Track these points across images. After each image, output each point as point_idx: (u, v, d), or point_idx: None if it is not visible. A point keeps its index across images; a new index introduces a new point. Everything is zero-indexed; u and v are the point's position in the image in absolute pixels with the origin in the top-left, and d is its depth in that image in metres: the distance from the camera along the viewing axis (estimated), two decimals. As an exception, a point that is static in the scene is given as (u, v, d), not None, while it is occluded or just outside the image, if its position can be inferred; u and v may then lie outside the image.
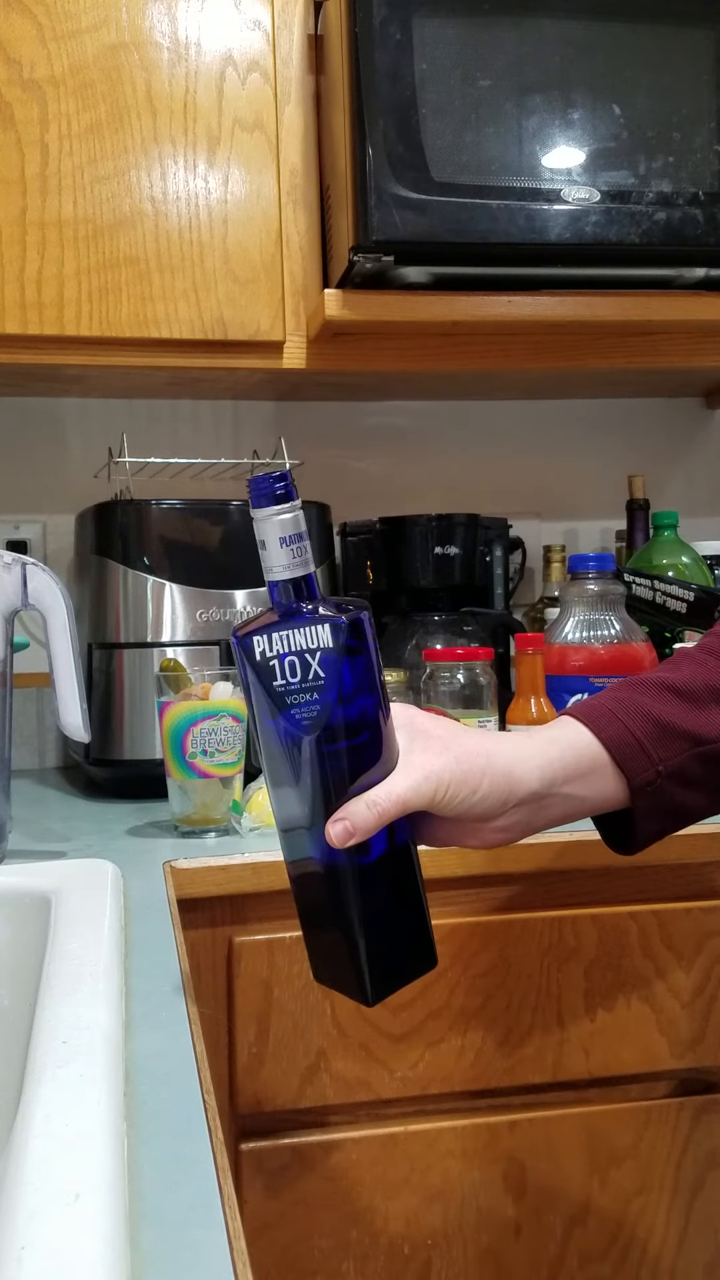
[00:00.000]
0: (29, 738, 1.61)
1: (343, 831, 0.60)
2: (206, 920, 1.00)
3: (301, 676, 0.59)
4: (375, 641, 0.61)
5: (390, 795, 0.61)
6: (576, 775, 0.67)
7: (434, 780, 0.62)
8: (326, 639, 0.59)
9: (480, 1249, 1.05)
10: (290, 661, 0.59)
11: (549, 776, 0.66)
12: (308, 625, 0.59)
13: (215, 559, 1.33)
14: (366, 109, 1.22)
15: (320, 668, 0.59)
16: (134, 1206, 0.41)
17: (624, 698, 0.69)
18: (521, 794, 0.65)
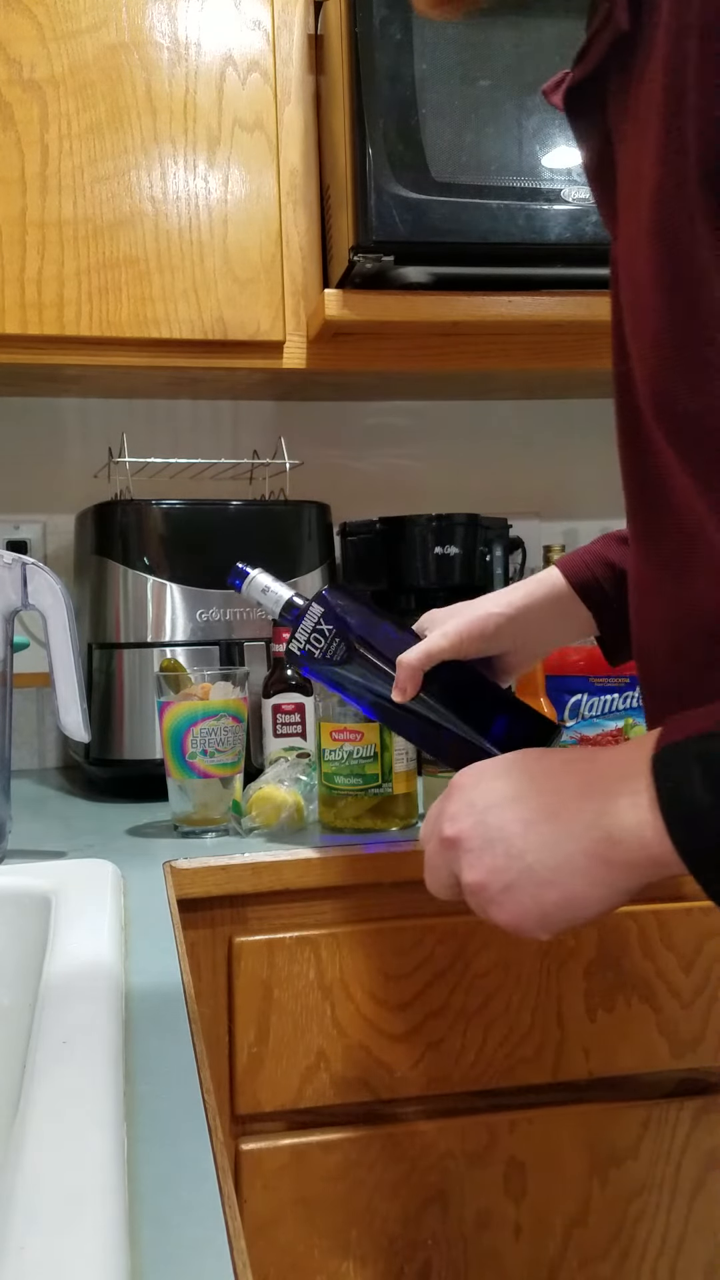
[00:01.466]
0: (29, 738, 1.61)
1: (399, 691, 0.89)
2: (206, 920, 1.00)
3: (325, 640, 0.94)
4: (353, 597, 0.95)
5: (416, 653, 0.88)
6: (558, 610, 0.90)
7: (450, 634, 0.88)
8: (318, 610, 0.95)
9: (480, 1249, 1.05)
10: (314, 638, 0.95)
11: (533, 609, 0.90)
12: (305, 614, 0.95)
13: (215, 559, 1.33)
14: (366, 109, 1.22)
15: (327, 624, 0.94)
16: (134, 1206, 0.41)
17: (589, 548, 0.91)
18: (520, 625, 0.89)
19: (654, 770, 0.50)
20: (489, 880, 0.57)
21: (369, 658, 0.93)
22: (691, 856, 0.50)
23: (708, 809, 0.49)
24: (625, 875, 0.53)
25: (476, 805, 0.59)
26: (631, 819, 0.51)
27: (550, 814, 0.55)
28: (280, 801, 1.09)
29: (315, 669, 0.96)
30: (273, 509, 1.41)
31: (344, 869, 1.02)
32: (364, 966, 1.02)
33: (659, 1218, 1.08)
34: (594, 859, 0.53)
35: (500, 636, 0.90)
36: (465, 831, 0.59)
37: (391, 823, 1.09)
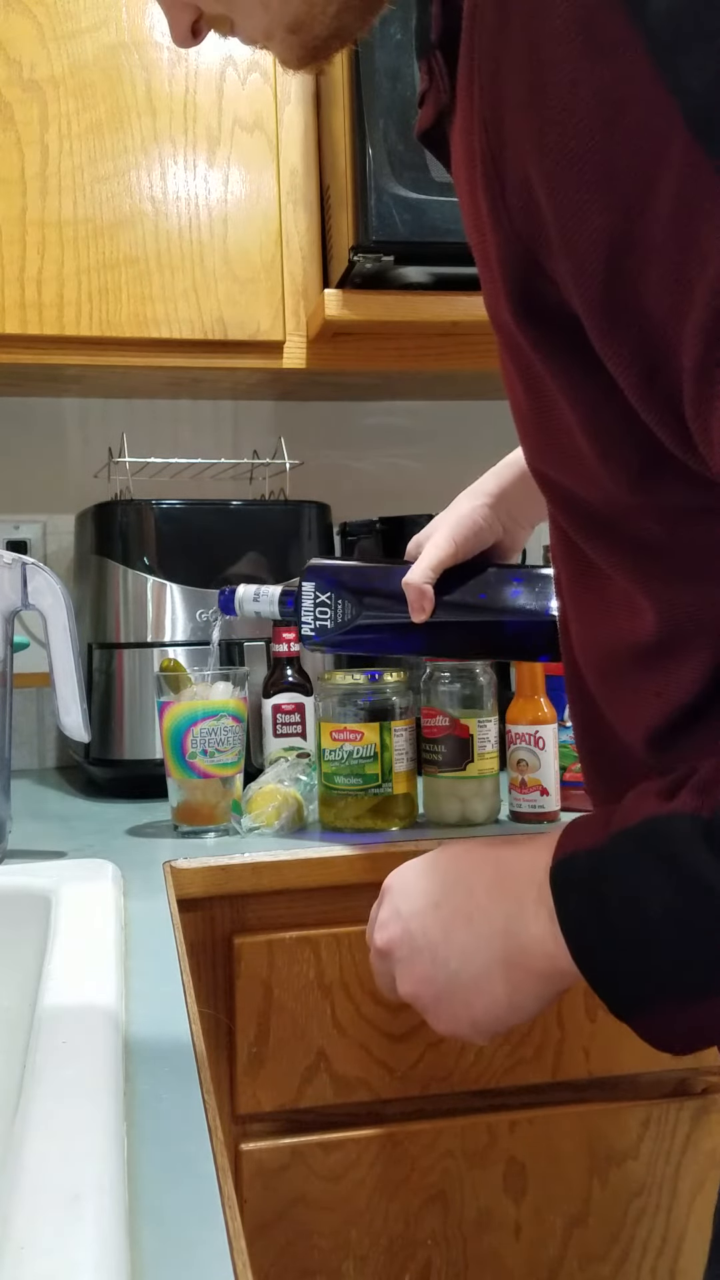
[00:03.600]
0: (29, 738, 1.61)
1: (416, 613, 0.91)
2: (206, 920, 1.00)
3: (330, 609, 0.96)
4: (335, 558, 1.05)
5: (417, 572, 0.90)
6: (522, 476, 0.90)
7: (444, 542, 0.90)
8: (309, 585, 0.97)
9: (480, 1249, 1.05)
10: (319, 612, 0.96)
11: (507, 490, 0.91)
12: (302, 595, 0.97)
13: (215, 559, 1.33)
14: (366, 109, 1.22)
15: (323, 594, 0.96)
16: (134, 1206, 0.41)
17: None
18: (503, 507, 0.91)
19: (550, 882, 0.51)
20: (420, 991, 0.58)
21: (378, 600, 0.94)
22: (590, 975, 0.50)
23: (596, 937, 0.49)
24: (537, 983, 0.54)
25: (402, 912, 0.59)
26: (536, 929, 0.52)
27: (466, 919, 0.56)
28: (280, 801, 1.09)
29: (335, 640, 0.96)
30: (273, 509, 1.41)
31: (344, 869, 1.01)
32: (364, 966, 1.02)
33: (659, 1218, 1.08)
34: (508, 966, 0.54)
35: (489, 527, 0.91)
36: (394, 940, 0.59)
37: (391, 823, 1.09)
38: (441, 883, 0.59)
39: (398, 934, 0.59)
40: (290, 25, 0.60)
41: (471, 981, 0.55)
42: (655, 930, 0.47)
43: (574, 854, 0.51)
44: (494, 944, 0.54)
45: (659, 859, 0.46)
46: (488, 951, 0.54)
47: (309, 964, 1.01)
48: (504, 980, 0.54)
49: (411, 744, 1.11)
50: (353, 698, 1.09)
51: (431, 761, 1.11)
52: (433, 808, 1.12)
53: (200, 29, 0.64)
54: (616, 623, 0.55)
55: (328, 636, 0.96)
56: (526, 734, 1.11)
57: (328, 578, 0.96)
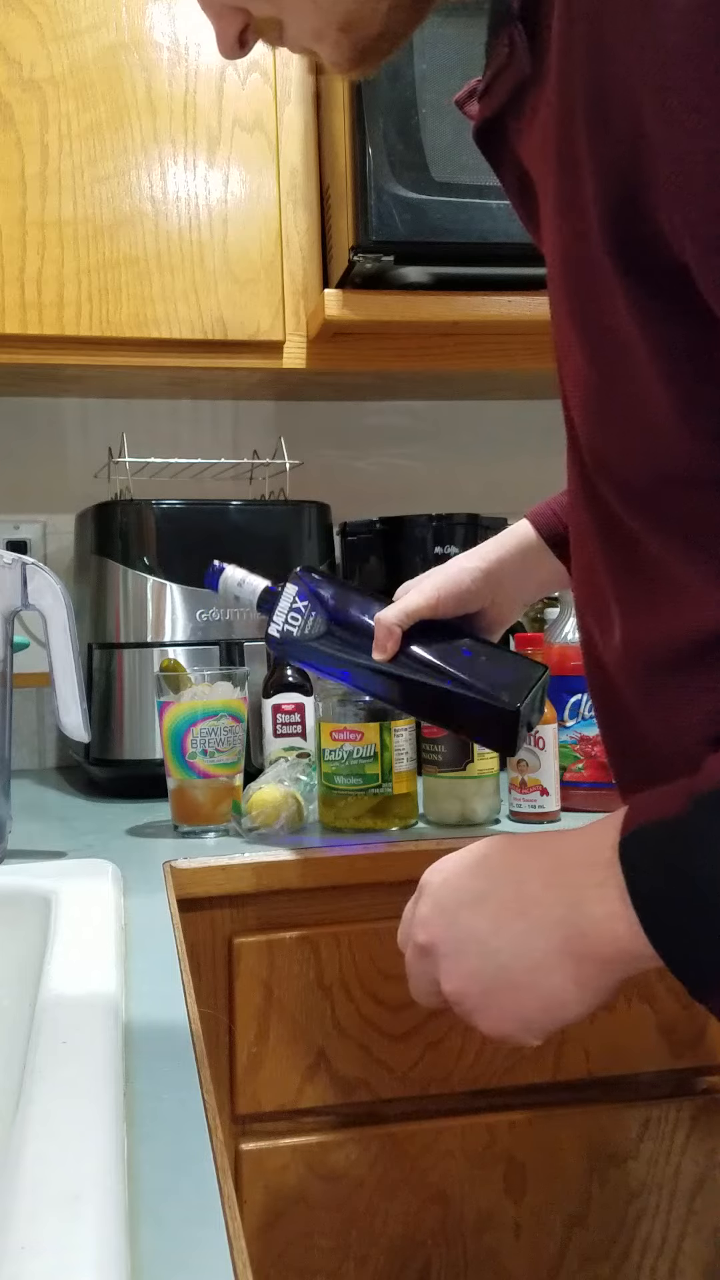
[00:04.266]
0: (29, 738, 1.61)
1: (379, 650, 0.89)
2: (206, 920, 1.00)
3: (302, 616, 0.95)
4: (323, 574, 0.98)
5: (391, 612, 0.89)
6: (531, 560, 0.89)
7: (426, 592, 0.88)
8: (293, 588, 0.96)
9: (480, 1249, 1.05)
10: (291, 616, 0.95)
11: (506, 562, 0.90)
12: (281, 595, 0.97)
13: (215, 559, 1.33)
14: (366, 109, 1.22)
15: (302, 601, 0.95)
16: (134, 1206, 0.41)
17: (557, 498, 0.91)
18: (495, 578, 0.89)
19: (621, 859, 0.48)
20: (467, 987, 0.55)
21: (349, 625, 0.93)
22: (667, 954, 0.47)
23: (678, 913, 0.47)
24: (600, 971, 0.51)
25: (446, 907, 0.57)
26: (600, 911, 0.49)
27: (518, 911, 0.53)
28: (280, 801, 1.09)
29: (297, 649, 0.95)
30: (273, 509, 1.41)
31: (344, 869, 1.01)
32: (364, 966, 1.02)
33: (659, 1218, 1.08)
34: (566, 956, 0.51)
35: (476, 592, 0.89)
36: (438, 937, 0.57)
37: (391, 823, 1.09)
38: (489, 875, 0.56)
39: (441, 930, 0.56)
40: (342, 24, 0.60)
41: (525, 975, 0.52)
42: None
43: (646, 825, 0.48)
44: (551, 934, 0.51)
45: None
46: (544, 942, 0.52)
47: (309, 964, 1.01)
48: (562, 971, 0.51)
49: (411, 744, 1.11)
50: (353, 698, 1.09)
51: (431, 761, 1.11)
52: (432, 808, 1.12)
53: (248, 39, 0.65)
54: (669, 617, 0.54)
55: (290, 643, 0.95)
56: (526, 734, 1.11)
57: (310, 587, 0.96)
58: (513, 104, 0.57)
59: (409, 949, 0.60)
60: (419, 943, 0.58)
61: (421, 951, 0.58)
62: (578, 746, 1.16)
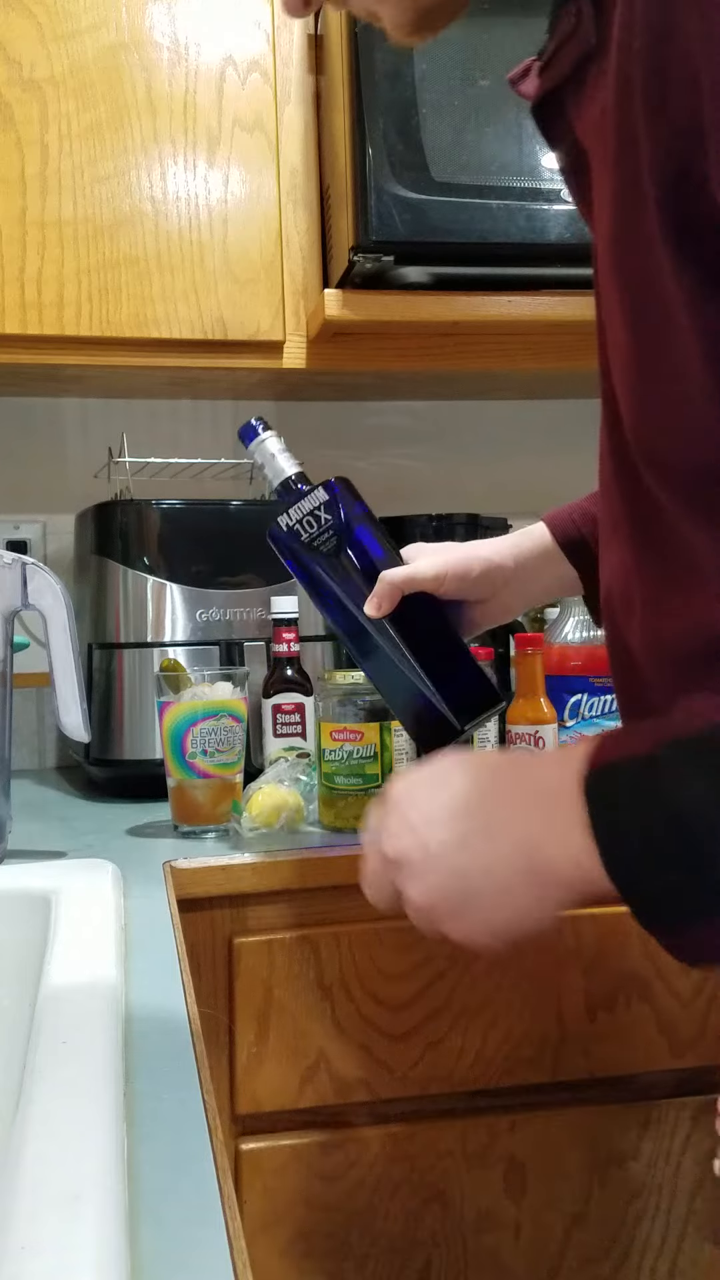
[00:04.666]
0: (29, 738, 1.61)
1: (374, 604, 0.86)
2: (206, 920, 1.00)
3: (318, 527, 0.90)
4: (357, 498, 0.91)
5: (399, 573, 0.86)
6: (539, 561, 0.88)
7: (435, 566, 0.86)
8: (322, 495, 0.90)
9: (480, 1249, 1.05)
10: (307, 521, 0.90)
11: (519, 560, 0.88)
12: (306, 495, 0.91)
13: (215, 559, 1.33)
14: (366, 109, 1.22)
15: (326, 513, 0.90)
16: (134, 1206, 0.41)
17: (576, 504, 0.90)
18: (504, 575, 0.88)
19: (585, 793, 0.49)
20: (436, 902, 0.57)
21: (354, 561, 0.89)
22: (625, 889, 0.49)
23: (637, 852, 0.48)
24: (563, 893, 0.53)
25: (414, 823, 0.58)
26: (565, 843, 0.50)
27: (486, 832, 0.55)
28: (280, 801, 1.09)
29: (296, 554, 0.91)
30: (273, 509, 1.41)
31: (344, 869, 1.01)
32: (364, 966, 1.02)
33: (659, 1218, 1.08)
34: (531, 877, 0.53)
35: (481, 582, 0.88)
36: (406, 851, 0.58)
37: (391, 823, 1.09)
38: (459, 793, 0.57)
39: (410, 844, 0.58)
40: None
41: (492, 893, 0.55)
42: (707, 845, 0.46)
43: (614, 763, 0.49)
44: (517, 858, 0.53)
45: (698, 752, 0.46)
46: (509, 865, 0.54)
47: (309, 964, 1.01)
48: (527, 891, 0.54)
49: (411, 744, 1.11)
50: (353, 698, 1.09)
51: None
52: (433, 808, 1.12)
53: None
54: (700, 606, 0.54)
55: (293, 544, 0.91)
56: (526, 734, 1.11)
57: (339, 505, 0.90)
58: (574, 77, 0.58)
59: (373, 858, 0.61)
60: (387, 854, 0.60)
61: (388, 863, 0.60)
62: (578, 746, 1.16)
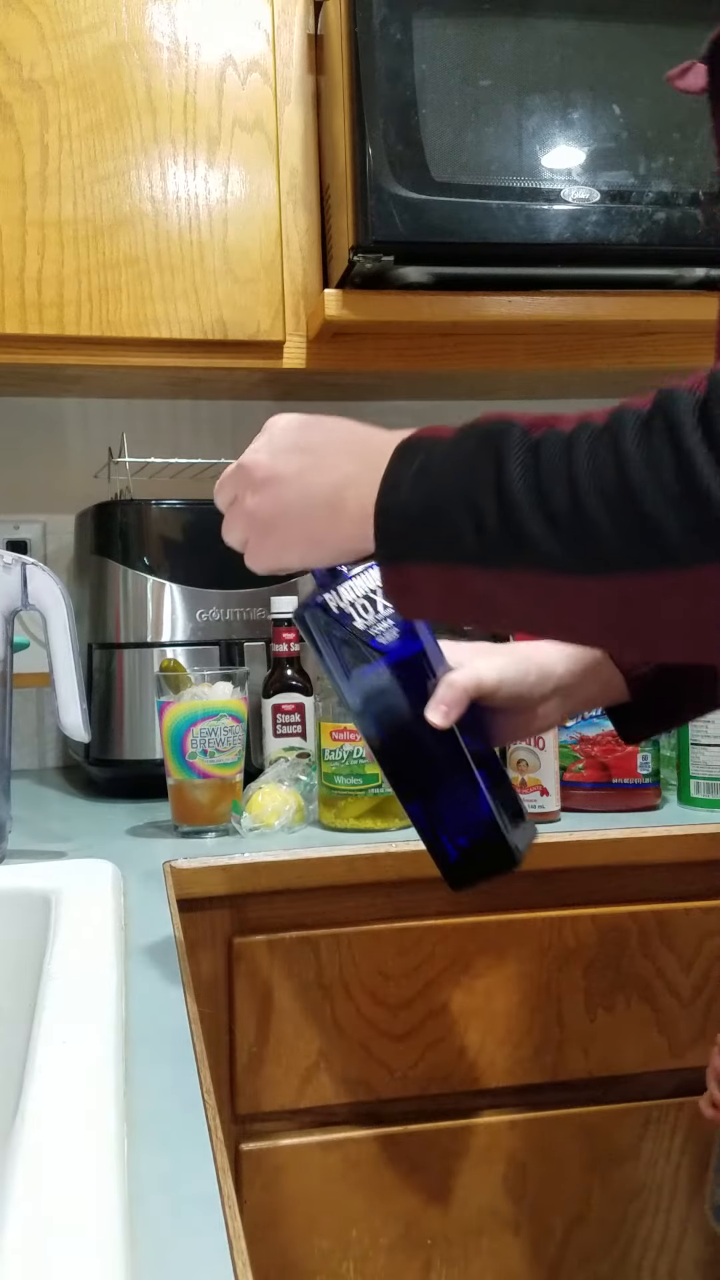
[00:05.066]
0: (29, 738, 1.61)
1: (440, 711, 0.73)
2: (206, 920, 1.00)
3: (375, 613, 0.74)
4: None
5: (466, 678, 0.75)
6: (590, 668, 0.81)
7: (496, 669, 0.77)
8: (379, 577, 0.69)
9: (480, 1249, 1.05)
10: (361, 604, 0.74)
11: (573, 668, 0.80)
12: (362, 573, 0.74)
13: (215, 559, 1.33)
14: (366, 109, 1.22)
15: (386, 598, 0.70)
16: (134, 1206, 0.41)
17: None
18: (554, 682, 0.80)
19: (395, 451, 0.58)
20: (259, 510, 0.66)
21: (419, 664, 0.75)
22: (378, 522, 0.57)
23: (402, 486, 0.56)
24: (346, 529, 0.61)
25: (274, 446, 0.67)
26: (364, 483, 0.59)
27: (319, 468, 0.64)
28: (280, 801, 1.09)
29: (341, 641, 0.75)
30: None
31: (344, 869, 1.02)
32: (364, 966, 1.02)
33: (658, 1217, 1.08)
34: (329, 511, 0.62)
35: (535, 689, 0.79)
36: (258, 465, 0.67)
37: (391, 823, 1.09)
38: (315, 435, 0.67)
39: (263, 460, 0.67)
40: None
41: (299, 518, 0.64)
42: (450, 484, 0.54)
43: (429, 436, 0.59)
44: (329, 492, 0.62)
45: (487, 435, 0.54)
46: (321, 496, 0.63)
47: (309, 964, 1.01)
48: (322, 523, 0.63)
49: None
50: (353, 698, 1.09)
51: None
52: (433, 808, 1.12)
53: None
54: None
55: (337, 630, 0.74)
56: (526, 734, 1.11)
57: None
58: None
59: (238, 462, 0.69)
60: (242, 462, 0.68)
61: (240, 470, 0.69)
62: (578, 746, 1.16)
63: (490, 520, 0.51)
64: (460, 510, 0.53)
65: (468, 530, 0.52)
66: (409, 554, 0.56)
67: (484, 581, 0.53)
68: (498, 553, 0.52)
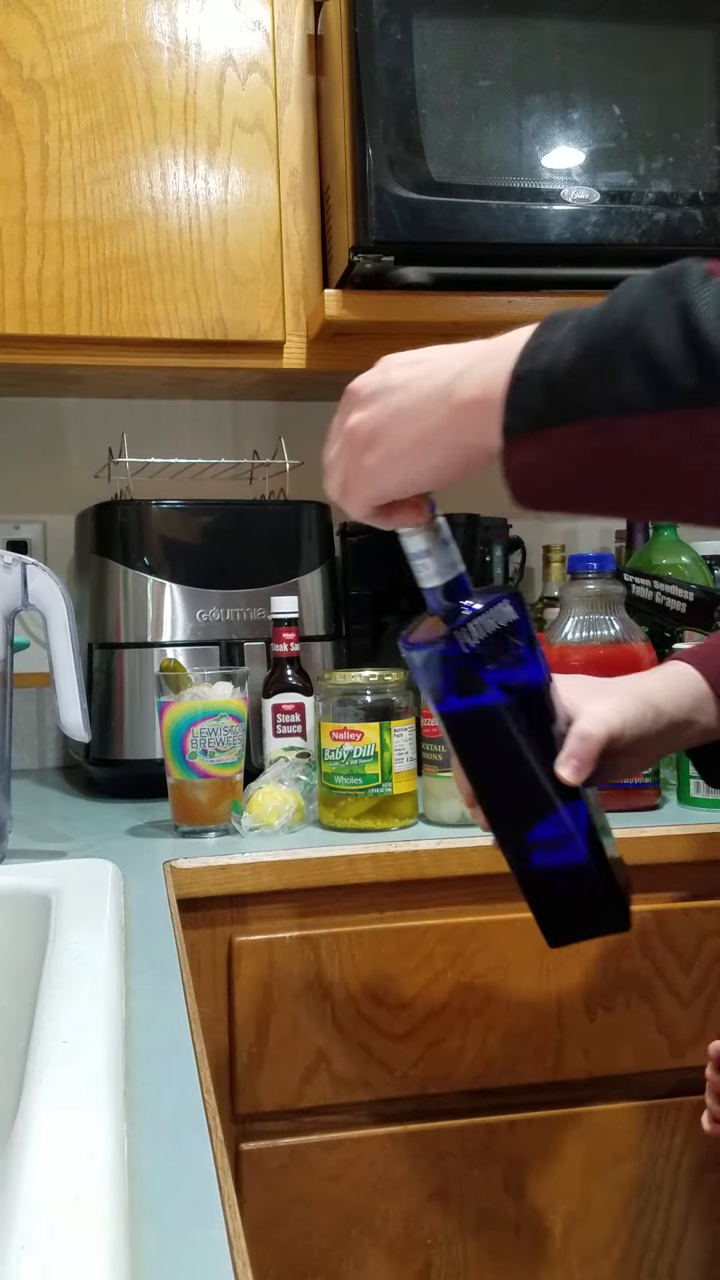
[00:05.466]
0: (29, 738, 1.61)
1: (571, 767, 0.67)
2: (206, 920, 1.01)
3: (509, 656, 0.65)
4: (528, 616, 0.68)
5: (598, 728, 0.69)
6: (694, 706, 0.77)
7: (619, 713, 0.72)
8: (510, 613, 0.65)
9: (480, 1249, 1.05)
10: (495, 644, 0.65)
11: (677, 704, 0.76)
12: (491, 608, 0.65)
13: (215, 559, 1.33)
14: (366, 109, 1.22)
15: (517, 638, 0.65)
16: (134, 1206, 0.41)
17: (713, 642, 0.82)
18: (664, 722, 0.75)
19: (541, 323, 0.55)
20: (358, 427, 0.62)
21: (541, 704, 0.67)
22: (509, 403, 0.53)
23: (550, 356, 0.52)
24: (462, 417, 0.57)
25: (386, 365, 0.64)
26: (488, 368, 0.55)
27: (431, 373, 0.60)
28: (280, 801, 1.09)
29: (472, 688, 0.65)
30: (273, 509, 1.41)
31: (344, 869, 1.02)
32: (364, 966, 1.02)
33: (658, 1217, 1.08)
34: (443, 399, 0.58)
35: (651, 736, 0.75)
36: (367, 382, 0.63)
37: (391, 823, 1.09)
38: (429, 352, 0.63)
39: (373, 377, 0.63)
40: None
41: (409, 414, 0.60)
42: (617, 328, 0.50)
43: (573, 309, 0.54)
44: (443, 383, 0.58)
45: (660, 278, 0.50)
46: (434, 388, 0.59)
47: (309, 964, 1.01)
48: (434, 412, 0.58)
49: (411, 744, 1.11)
50: (353, 698, 1.09)
51: (431, 761, 1.11)
52: (431, 808, 1.12)
53: None
54: None
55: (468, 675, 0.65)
56: (526, 734, 1.11)
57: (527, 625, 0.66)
58: None
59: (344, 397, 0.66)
60: (351, 386, 0.65)
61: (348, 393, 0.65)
62: (578, 746, 1.15)
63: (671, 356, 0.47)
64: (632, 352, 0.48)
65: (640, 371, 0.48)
66: (550, 417, 0.51)
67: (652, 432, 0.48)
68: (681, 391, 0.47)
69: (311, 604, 1.37)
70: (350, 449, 0.63)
